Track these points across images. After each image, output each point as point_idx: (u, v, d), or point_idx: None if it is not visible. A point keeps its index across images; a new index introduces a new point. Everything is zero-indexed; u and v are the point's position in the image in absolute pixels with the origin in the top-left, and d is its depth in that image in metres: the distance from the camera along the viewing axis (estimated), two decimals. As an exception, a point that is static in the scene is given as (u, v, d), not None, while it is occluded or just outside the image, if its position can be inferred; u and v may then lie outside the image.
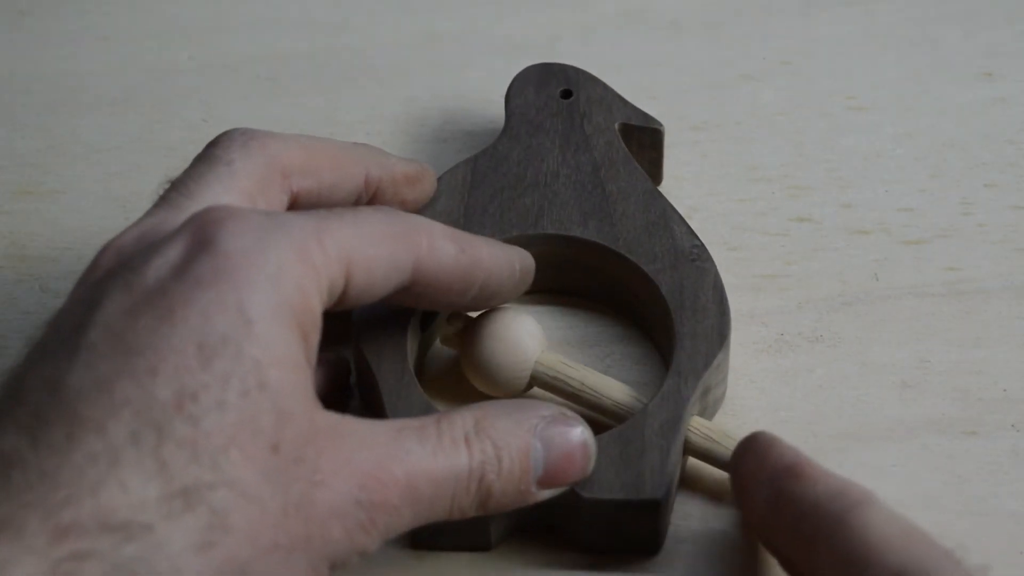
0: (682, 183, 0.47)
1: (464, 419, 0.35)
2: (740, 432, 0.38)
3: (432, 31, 0.53)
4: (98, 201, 0.48)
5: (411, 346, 0.40)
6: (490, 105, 0.50)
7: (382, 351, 0.39)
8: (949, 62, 0.51)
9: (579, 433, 0.36)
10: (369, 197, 0.40)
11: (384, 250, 0.35)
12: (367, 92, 0.51)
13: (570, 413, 0.36)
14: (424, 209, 0.42)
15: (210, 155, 0.38)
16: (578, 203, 0.43)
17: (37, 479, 0.29)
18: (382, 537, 0.33)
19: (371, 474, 0.33)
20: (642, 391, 0.40)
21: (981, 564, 0.32)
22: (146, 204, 0.49)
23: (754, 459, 0.35)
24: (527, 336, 0.40)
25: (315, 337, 0.33)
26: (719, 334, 0.40)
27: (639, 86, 0.49)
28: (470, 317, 0.41)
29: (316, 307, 0.33)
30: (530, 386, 0.40)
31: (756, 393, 0.42)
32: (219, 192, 0.36)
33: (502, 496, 0.35)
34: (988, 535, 0.39)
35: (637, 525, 0.37)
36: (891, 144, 0.49)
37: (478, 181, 0.43)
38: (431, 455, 0.34)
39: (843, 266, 0.45)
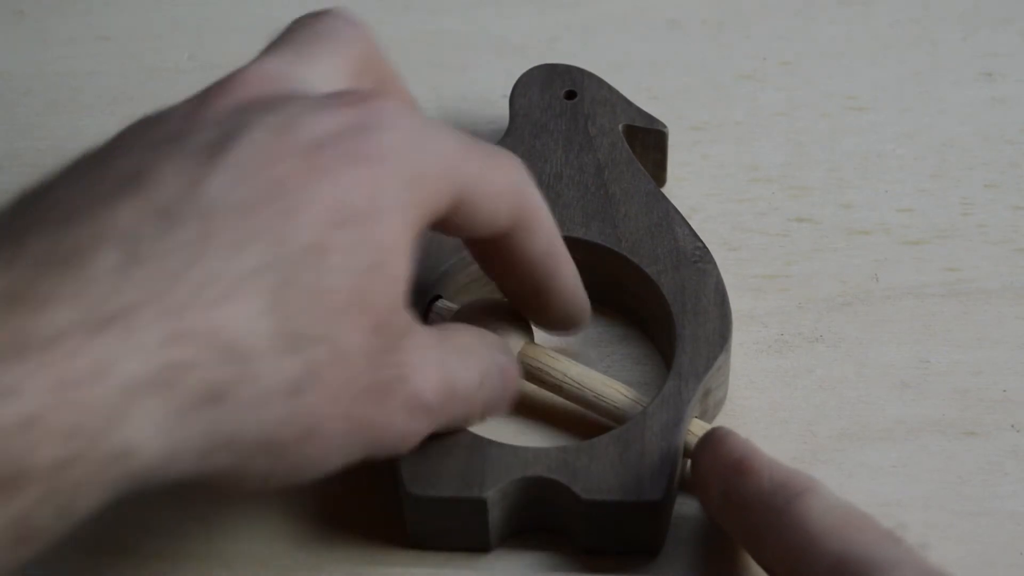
0: (682, 183, 0.47)
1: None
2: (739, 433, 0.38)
3: (432, 31, 0.53)
4: (98, 201, 0.48)
5: None
6: (490, 105, 0.50)
7: None
8: (949, 62, 0.51)
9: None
10: None
11: (497, 192, 0.35)
12: (367, 92, 0.51)
13: None
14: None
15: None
16: (581, 204, 0.43)
17: (158, 273, 0.28)
18: (426, 433, 0.35)
19: (438, 377, 0.34)
20: (642, 392, 0.40)
21: (920, 542, 0.33)
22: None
23: (709, 455, 0.36)
24: (511, 326, 0.40)
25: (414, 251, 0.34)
26: (720, 336, 0.40)
27: (639, 86, 0.49)
28: (455, 307, 0.41)
29: (426, 224, 0.34)
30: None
31: (756, 393, 0.42)
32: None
33: (499, 393, 0.37)
34: (988, 535, 0.39)
35: (637, 526, 0.37)
36: (891, 144, 0.49)
37: None
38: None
39: (843, 266, 0.45)
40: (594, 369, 0.41)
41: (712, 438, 0.36)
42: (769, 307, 0.44)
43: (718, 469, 0.36)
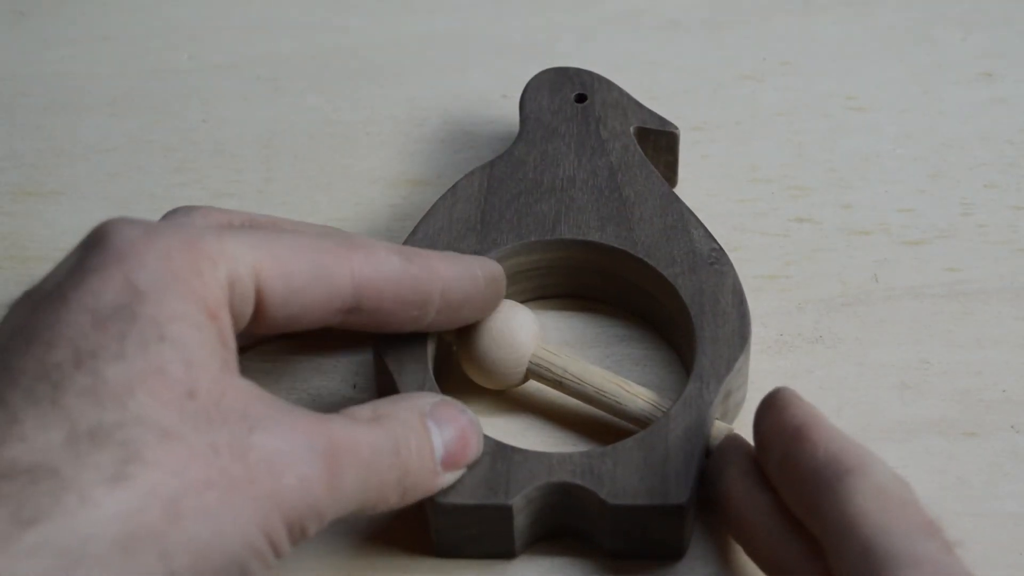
0: (682, 183, 0.47)
1: (362, 408, 0.35)
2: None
3: (432, 31, 0.53)
4: (98, 202, 0.48)
5: (431, 352, 0.40)
6: (490, 105, 0.50)
7: (402, 359, 0.39)
8: (949, 62, 0.51)
9: (466, 413, 0.37)
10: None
11: (305, 260, 0.35)
12: (367, 92, 0.51)
13: (450, 399, 0.37)
14: (442, 217, 0.42)
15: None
16: (595, 208, 0.42)
17: None
18: (336, 500, 0.33)
19: (314, 429, 0.33)
20: (662, 394, 0.40)
21: (956, 539, 0.32)
22: (146, 204, 0.49)
23: (772, 417, 0.36)
24: (523, 330, 0.40)
25: (225, 316, 0.33)
26: (740, 337, 0.40)
27: (639, 86, 0.49)
28: None
29: (216, 289, 0.33)
30: (526, 379, 0.41)
31: (756, 394, 0.41)
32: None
33: (417, 475, 0.35)
34: (988, 535, 0.39)
35: (661, 530, 0.37)
36: (891, 144, 0.49)
37: (495, 187, 0.43)
38: (354, 427, 0.34)
39: (843, 267, 0.45)
40: (607, 370, 0.41)
41: (776, 400, 0.36)
42: (769, 307, 0.44)
43: (778, 433, 0.35)
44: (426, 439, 0.35)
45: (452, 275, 0.38)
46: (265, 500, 0.31)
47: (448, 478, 0.36)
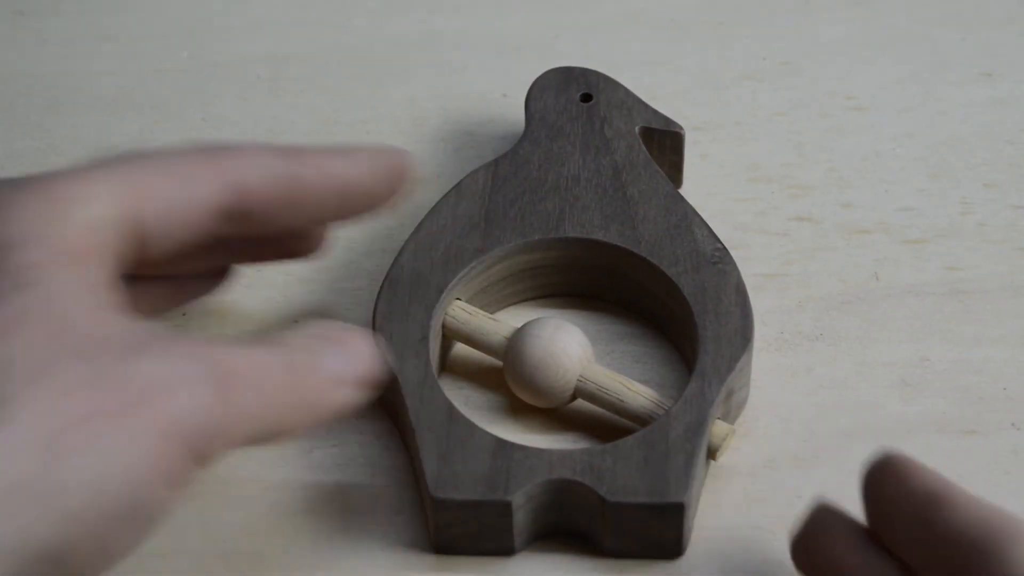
0: (683, 183, 0.47)
1: (255, 339, 0.34)
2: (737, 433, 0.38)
3: (432, 31, 0.53)
4: (98, 201, 0.48)
5: (433, 347, 0.40)
6: (490, 105, 0.50)
7: (404, 353, 0.39)
8: (949, 62, 0.51)
9: (357, 331, 0.35)
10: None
11: (169, 173, 0.34)
12: (367, 92, 0.51)
13: (347, 326, 0.36)
14: (446, 215, 0.42)
15: None
16: (599, 207, 0.43)
17: None
18: (236, 420, 0.32)
19: (197, 352, 0.32)
20: (664, 392, 0.40)
21: None
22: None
23: (896, 484, 0.34)
24: (572, 350, 0.40)
25: (92, 258, 0.32)
26: (742, 337, 0.40)
27: (639, 86, 0.49)
28: (514, 328, 0.41)
29: (77, 233, 0.32)
30: (574, 397, 0.41)
31: (756, 392, 0.42)
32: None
33: (315, 391, 0.34)
34: (988, 535, 0.39)
35: (661, 529, 0.37)
36: (891, 144, 0.49)
37: (499, 185, 0.43)
38: (239, 348, 0.33)
39: (843, 266, 0.45)
40: (615, 370, 0.41)
41: (894, 466, 0.34)
42: (769, 306, 0.44)
43: (909, 500, 0.33)
44: (317, 355, 0.34)
45: (344, 168, 0.37)
46: (156, 424, 0.30)
47: (350, 394, 0.34)
